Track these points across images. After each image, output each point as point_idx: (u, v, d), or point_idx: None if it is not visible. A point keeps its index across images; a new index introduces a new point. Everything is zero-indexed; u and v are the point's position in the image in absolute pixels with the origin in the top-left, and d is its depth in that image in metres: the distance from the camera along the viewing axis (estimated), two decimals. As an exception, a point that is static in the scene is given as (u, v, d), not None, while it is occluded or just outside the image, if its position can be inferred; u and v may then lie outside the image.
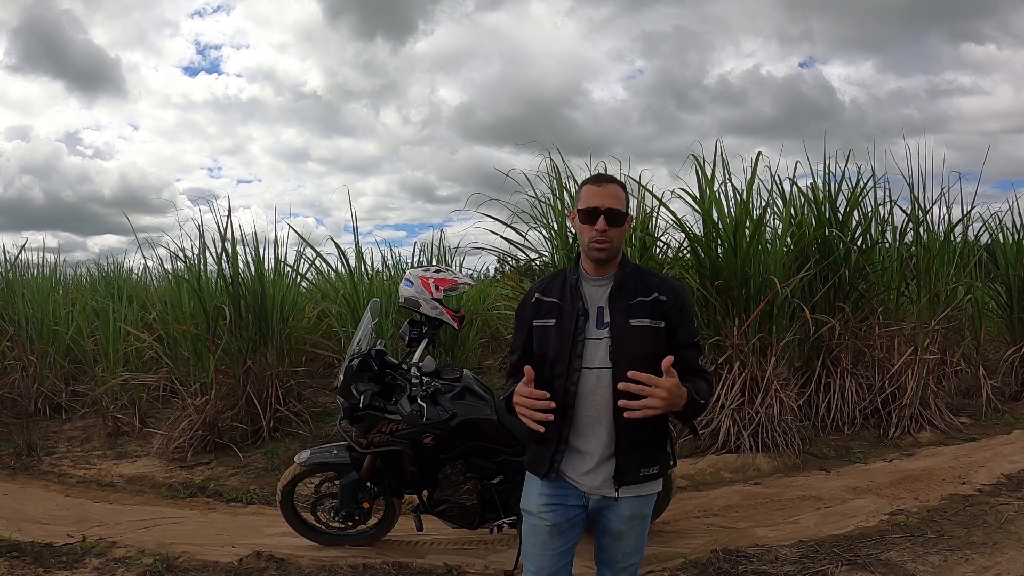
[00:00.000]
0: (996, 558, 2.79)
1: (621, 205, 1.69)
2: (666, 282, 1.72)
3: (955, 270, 5.20)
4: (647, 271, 1.77)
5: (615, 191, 1.70)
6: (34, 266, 7.11)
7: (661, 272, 1.87)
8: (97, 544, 3.20)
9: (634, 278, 1.71)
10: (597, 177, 1.78)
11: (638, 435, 1.63)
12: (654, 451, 1.69)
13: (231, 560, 2.98)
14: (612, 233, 1.67)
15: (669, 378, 1.50)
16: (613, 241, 1.67)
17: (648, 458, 1.67)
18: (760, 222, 4.48)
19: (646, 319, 1.64)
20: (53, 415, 5.80)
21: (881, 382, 4.74)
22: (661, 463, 1.71)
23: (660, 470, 1.70)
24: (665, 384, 1.49)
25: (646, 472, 1.67)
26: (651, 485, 1.71)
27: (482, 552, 3.09)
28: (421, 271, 2.93)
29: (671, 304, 1.67)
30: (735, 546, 2.99)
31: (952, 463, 4.07)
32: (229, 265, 5.02)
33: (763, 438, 4.19)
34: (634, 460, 1.65)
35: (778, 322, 4.46)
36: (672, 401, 1.50)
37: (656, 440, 1.70)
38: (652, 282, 1.70)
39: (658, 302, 1.66)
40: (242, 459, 4.49)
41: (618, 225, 1.68)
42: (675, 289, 1.71)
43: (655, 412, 1.49)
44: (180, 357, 5.04)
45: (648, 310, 1.65)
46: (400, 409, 2.71)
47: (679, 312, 1.67)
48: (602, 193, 1.68)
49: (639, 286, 1.69)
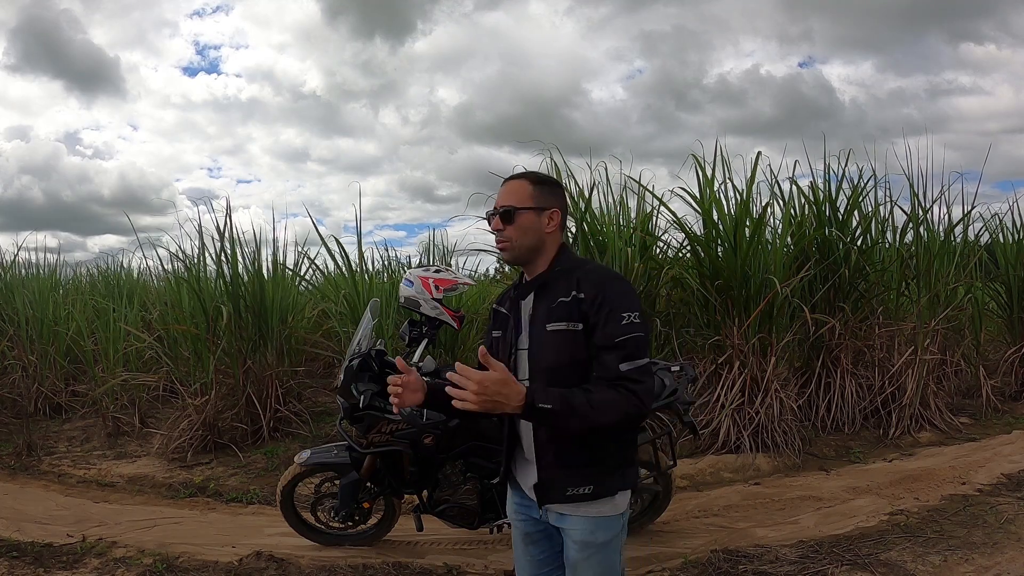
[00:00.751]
0: (996, 558, 2.79)
1: (515, 200, 1.55)
2: (592, 276, 1.49)
3: (955, 270, 5.20)
4: (582, 267, 1.54)
5: (513, 187, 1.57)
6: (34, 266, 7.13)
7: (605, 266, 1.67)
8: (97, 544, 3.20)
9: (562, 277, 1.52)
10: (506, 177, 1.65)
11: (562, 451, 1.48)
12: (585, 469, 1.48)
13: (231, 560, 2.98)
14: (509, 232, 1.55)
15: (489, 372, 1.32)
16: (511, 240, 1.55)
17: (577, 476, 1.48)
18: (760, 222, 4.48)
19: (563, 322, 1.46)
20: (53, 415, 5.80)
21: (881, 382, 4.74)
22: (597, 483, 1.49)
23: (596, 491, 1.49)
24: (475, 377, 1.30)
25: (575, 491, 1.48)
26: (591, 506, 1.50)
27: (482, 552, 3.09)
28: (421, 271, 2.93)
29: (590, 301, 1.44)
30: (735, 546, 2.99)
31: (952, 463, 4.07)
32: (229, 265, 5.02)
33: (763, 438, 4.19)
34: (559, 477, 1.50)
35: (778, 322, 4.46)
36: (490, 399, 1.30)
37: (587, 458, 1.48)
38: (576, 278, 1.49)
39: (576, 301, 1.46)
40: (242, 459, 4.49)
41: (510, 222, 1.54)
42: (599, 284, 1.46)
43: (475, 409, 1.31)
44: (180, 357, 5.04)
45: (566, 311, 1.46)
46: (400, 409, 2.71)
47: (598, 310, 1.43)
48: (500, 192, 1.59)
49: (562, 285, 1.50)
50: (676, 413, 2.86)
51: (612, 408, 1.38)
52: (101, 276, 7.91)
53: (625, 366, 1.40)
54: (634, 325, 1.43)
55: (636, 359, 1.42)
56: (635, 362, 1.41)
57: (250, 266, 5.14)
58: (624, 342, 1.41)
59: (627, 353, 1.41)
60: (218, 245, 5.03)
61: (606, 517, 1.52)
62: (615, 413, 1.38)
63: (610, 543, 1.54)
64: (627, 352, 1.41)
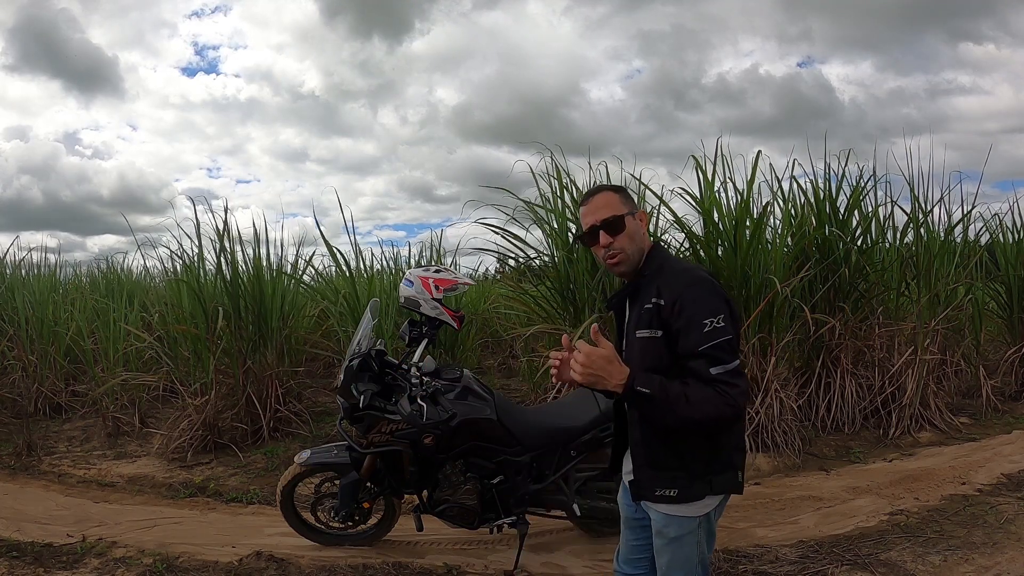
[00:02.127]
0: (996, 558, 2.79)
1: (614, 210, 1.58)
2: (673, 281, 1.49)
3: (955, 270, 5.20)
4: (668, 269, 1.55)
5: (604, 200, 1.61)
6: (34, 266, 7.13)
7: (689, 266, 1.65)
8: (97, 544, 3.20)
9: (650, 281, 1.54)
10: (584, 196, 1.70)
11: (652, 452, 1.55)
12: (672, 472, 1.53)
13: (231, 560, 2.98)
14: (619, 242, 1.57)
15: (597, 348, 1.37)
16: (624, 249, 1.58)
17: (666, 479, 1.54)
18: (760, 222, 4.48)
19: (647, 329, 1.50)
20: (53, 415, 5.80)
21: (881, 382, 4.74)
22: (683, 488, 1.53)
23: (680, 494, 1.53)
24: (585, 349, 1.36)
25: (662, 493, 1.54)
26: (675, 507, 1.55)
27: (482, 552, 3.08)
28: (421, 271, 2.93)
29: (669, 309, 1.46)
30: (735, 546, 2.99)
31: (952, 463, 4.07)
32: (228, 266, 5.02)
33: (763, 438, 4.19)
34: (650, 477, 1.56)
35: (778, 322, 4.46)
36: (595, 373, 1.36)
37: (675, 461, 1.53)
38: (658, 284, 1.51)
39: (657, 308, 1.48)
40: (242, 459, 4.49)
41: (618, 232, 1.57)
42: (677, 290, 1.47)
43: (578, 381, 1.39)
44: (180, 357, 5.04)
45: (648, 318, 1.50)
46: (400, 409, 2.71)
47: (678, 317, 1.44)
48: (590, 209, 1.62)
49: (649, 290, 1.52)
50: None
51: (706, 405, 1.39)
52: (101, 276, 7.91)
53: (715, 370, 1.41)
54: (716, 331, 1.42)
55: (725, 363, 1.42)
56: (725, 366, 1.42)
57: (250, 266, 5.15)
58: (707, 350, 1.42)
59: (714, 359, 1.42)
60: (217, 246, 5.03)
61: (679, 516, 1.56)
62: (709, 411, 1.39)
63: (682, 539, 1.57)
64: (714, 358, 1.42)
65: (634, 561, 1.80)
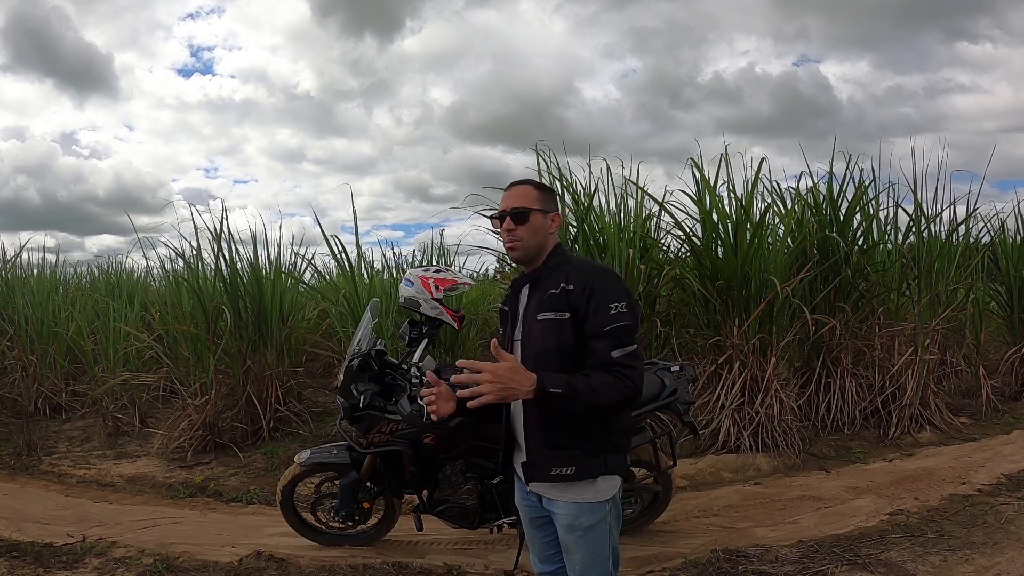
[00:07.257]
0: (996, 558, 2.79)
1: (526, 203, 1.68)
2: (581, 271, 1.60)
3: (956, 271, 5.20)
4: (573, 262, 1.67)
5: (521, 191, 1.71)
6: (34, 266, 7.12)
7: (590, 263, 1.79)
8: (97, 544, 3.20)
9: (554, 271, 1.64)
10: (510, 183, 1.78)
11: (548, 433, 1.59)
12: (568, 451, 1.59)
13: (231, 560, 2.98)
14: (520, 232, 1.67)
15: (499, 363, 1.43)
16: (523, 239, 1.67)
17: (561, 457, 1.59)
18: (761, 223, 4.47)
19: (551, 312, 1.57)
20: (53, 415, 5.80)
21: (881, 382, 4.74)
22: (580, 465, 1.58)
23: (578, 472, 1.58)
24: (487, 368, 1.41)
25: (558, 471, 1.59)
26: (575, 491, 1.60)
27: (482, 552, 3.09)
28: (421, 271, 2.93)
29: (578, 293, 1.55)
30: (735, 546, 2.99)
31: (952, 463, 4.07)
32: (227, 266, 5.02)
33: (763, 438, 4.19)
34: (545, 457, 1.61)
35: (778, 322, 4.46)
36: (507, 387, 1.41)
37: (570, 440, 1.58)
38: (566, 272, 1.60)
39: (565, 292, 1.56)
40: (242, 459, 4.49)
41: (522, 222, 1.67)
42: (587, 277, 1.57)
43: (490, 399, 1.41)
44: (180, 357, 5.04)
45: (554, 302, 1.58)
46: (400, 409, 2.71)
47: (588, 301, 1.53)
48: (508, 196, 1.72)
49: (554, 279, 1.61)
50: (676, 413, 2.86)
51: (610, 390, 1.50)
52: (101, 276, 7.91)
53: (616, 353, 1.52)
54: (621, 314, 1.54)
55: (626, 346, 1.53)
56: (625, 349, 1.53)
57: (248, 267, 5.14)
58: (613, 330, 1.52)
59: (617, 341, 1.52)
60: (215, 246, 5.03)
61: (590, 503, 1.60)
62: (612, 395, 1.50)
63: (595, 528, 1.62)
64: (617, 340, 1.52)
65: (550, 558, 1.80)
